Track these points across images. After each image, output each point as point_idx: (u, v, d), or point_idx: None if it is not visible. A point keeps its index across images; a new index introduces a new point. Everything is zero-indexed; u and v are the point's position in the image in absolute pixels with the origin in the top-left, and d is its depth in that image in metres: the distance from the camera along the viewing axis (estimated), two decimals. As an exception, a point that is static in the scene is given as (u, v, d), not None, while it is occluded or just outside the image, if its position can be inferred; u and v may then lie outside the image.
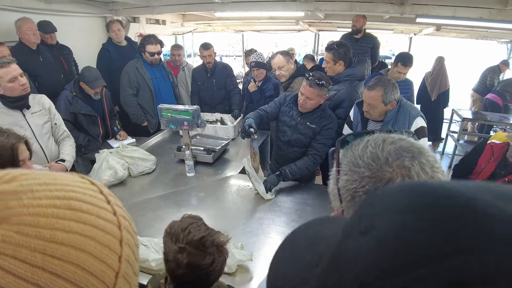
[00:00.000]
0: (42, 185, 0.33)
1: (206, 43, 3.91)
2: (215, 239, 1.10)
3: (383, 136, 0.60)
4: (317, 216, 0.48)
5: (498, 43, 8.42)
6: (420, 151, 0.57)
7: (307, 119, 2.42)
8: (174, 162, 2.94)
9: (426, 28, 6.91)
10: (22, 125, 2.25)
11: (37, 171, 0.36)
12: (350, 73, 2.77)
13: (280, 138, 2.60)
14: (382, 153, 0.57)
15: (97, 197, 0.38)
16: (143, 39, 3.52)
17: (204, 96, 4.11)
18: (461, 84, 7.57)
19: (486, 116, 5.62)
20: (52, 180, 0.34)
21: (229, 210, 2.22)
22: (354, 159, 0.59)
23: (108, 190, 0.41)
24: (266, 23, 7.93)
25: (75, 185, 0.36)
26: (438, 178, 0.56)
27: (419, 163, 0.55)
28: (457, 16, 3.78)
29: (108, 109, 3.29)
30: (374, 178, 0.55)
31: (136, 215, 2.09)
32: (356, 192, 0.57)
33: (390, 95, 2.08)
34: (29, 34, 3.28)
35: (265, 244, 1.84)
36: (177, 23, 6.68)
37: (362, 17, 4.28)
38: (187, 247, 1.06)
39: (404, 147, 0.57)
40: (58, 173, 0.37)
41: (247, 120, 2.38)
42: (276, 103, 2.58)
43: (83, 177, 0.40)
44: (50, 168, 2.30)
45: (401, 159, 0.55)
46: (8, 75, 2.07)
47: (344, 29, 7.45)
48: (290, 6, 4.15)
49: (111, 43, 4.16)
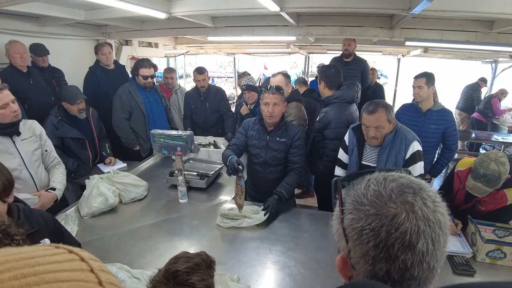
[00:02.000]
0: (17, 279, 0.28)
1: (200, 67, 3.94)
2: (188, 279, 1.06)
3: (384, 175, 0.62)
4: (314, 244, 0.46)
5: (482, 63, 8.69)
6: (420, 187, 0.59)
7: (275, 135, 2.50)
8: (166, 187, 2.87)
9: (414, 50, 7.10)
10: (11, 152, 2.18)
11: (10, 250, 0.31)
12: (340, 95, 2.84)
13: (255, 162, 2.60)
14: (385, 190, 0.59)
15: (80, 269, 0.34)
16: (137, 63, 3.52)
17: (197, 120, 4.09)
18: (448, 103, 7.73)
19: (474, 135, 5.74)
20: (32, 268, 0.30)
21: (223, 239, 2.15)
22: (358, 198, 0.60)
23: (89, 254, 0.37)
24: (257, 46, 8.06)
25: (55, 268, 0.32)
26: (440, 212, 0.58)
27: (421, 199, 0.57)
28: (445, 39, 3.88)
29: (97, 130, 3.22)
30: (380, 215, 0.56)
31: (128, 245, 2.02)
32: (363, 230, 0.57)
33: (391, 114, 2.13)
34: (16, 57, 3.24)
35: (262, 275, 1.77)
36: (170, 45, 6.73)
37: (353, 41, 4.36)
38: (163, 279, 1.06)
39: (405, 183, 0.60)
40: (33, 253, 0.32)
41: (232, 158, 2.35)
42: (241, 133, 2.64)
43: (58, 247, 0.36)
44: (40, 197, 2.21)
45: (404, 195, 0.57)
46: (0, 101, 2.01)
47: (334, 52, 7.62)
48: (282, 31, 4.22)
49: (98, 67, 4.02)
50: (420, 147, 2.18)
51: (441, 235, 0.56)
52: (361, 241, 0.57)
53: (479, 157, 2.09)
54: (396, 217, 0.54)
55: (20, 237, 1.11)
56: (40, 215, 1.63)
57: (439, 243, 0.56)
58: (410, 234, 0.54)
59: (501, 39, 3.78)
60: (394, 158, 2.16)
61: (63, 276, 0.31)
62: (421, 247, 0.54)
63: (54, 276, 0.30)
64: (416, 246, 0.54)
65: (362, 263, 0.58)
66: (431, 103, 2.97)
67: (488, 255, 1.90)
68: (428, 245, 0.54)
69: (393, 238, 0.54)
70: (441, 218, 0.57)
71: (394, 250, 0.54)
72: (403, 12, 2.82)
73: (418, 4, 2.44)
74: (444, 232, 0.57)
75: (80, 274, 0.33)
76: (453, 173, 2.38)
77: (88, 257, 0.36)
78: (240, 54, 11.09)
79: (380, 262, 0.55)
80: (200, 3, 3.21)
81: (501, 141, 5.49)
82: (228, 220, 2.26)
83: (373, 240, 0.55)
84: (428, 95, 2.94)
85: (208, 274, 1.11)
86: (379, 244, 0.55)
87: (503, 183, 2.02)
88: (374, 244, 0.55)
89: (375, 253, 0.55)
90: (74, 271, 0.33)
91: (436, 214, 0.56)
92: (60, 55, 4.16)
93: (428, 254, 0.55)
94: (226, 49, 9.24)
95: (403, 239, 0.53)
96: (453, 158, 3.30)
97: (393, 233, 0.54)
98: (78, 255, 0.36)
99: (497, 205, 2.14)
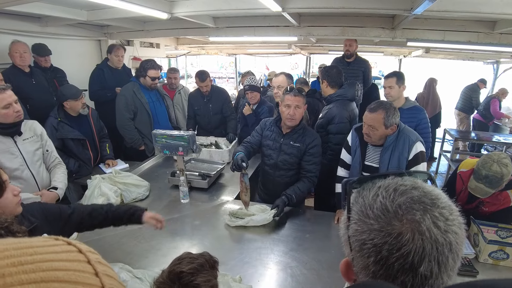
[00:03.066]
0: (15, 266, 0.29)
1: (202, 73, 3.88)
2: (193, 280, 1.05)
3: (395, 184, 0.57)
4: (316, 244, 0.45)
5: (484, 64, 8.68)
6: (434, 202, 0.54)
7: (289, 138, 2.47)
8: (168, 188, 2.87)
9: (416, 51, 7.09)
10: (13, 152, 2.19)
11: (10, 240, 0.32)
12: (341, 93, 2.95)
13: (266, 163, 2.60)
14: (392, 205, 0.54)
15: (77, 260, 0.35)
16: (144, 64, 3.51)
17: (200, 121, 4.10)
18: (449, 103, 7.75)
19: (476, 135, 5.73)
20: (29, 257, 0.31)
21: (225, 239, 2.15)
22: (364, 209, 0.57)
23: (87, 247, 0.39)
24: (259, 46, 8.06)
25: (53, 257, 0.32)
26: (453, 231, 0.52)
27: (431, 217, 0.52)
28: (446, 40, 3.88)
29: (97, 130, 3.22)
30: (383, 232, 0.52)
31: (129, 245, 2.02)
32: (365, 243, 0.54)
33: (392, 119, 2.09)
34: (16, 57, 3.27)
35: (264, 275, 1.77)
36: (171, 46, 6.74)
37: (354, 41, 4.36)
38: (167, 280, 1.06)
39: (415, 198, 0.54)
40: (32, 242, 0.33)
41: (239, 154, 2.37)
42: (257, 131, 2.64)
43: (57, 238, 0.37)
44: (42, 196, 2.23)
45: (412, 212, 0.52)
46: (3, 101, 2.03)
47: (335, 52, 7.61)
48: (283, 31, 4.22)
49: (106, 65, 4.16)
50: (424, 148, 2.17)
51: (450, 257, 0.52)
52: (363, 254, 0.55)
53: (482, 158, 2.09)
54: (400, 236, 0.51)
55: (22, 235, 1.11)
56: (36, 210, 1.59)
57: (446, 266, 0.51)
58: (412, 256, 0.50)
59: (503, 40, 3.78)
60: (397, 159, 2.15)
61: (59, 265, 0.32)
62: (423, 271, 0.50)
63: (50, 265, 0.31)
64: (418, 269, 0.50)
65: (363, 274, 0.56)
66: (402, 102, 3.00)
67: (491, 256, 1.89)
68: (433, 268, 0.50)
69: (394, 258, 0.51)
70: (453, 239, 0.52)
71: (393, 270, 0.51)
72: (405, 13, 2.82)
73: (420, 5, 2.44)
74: (455, 254, 0.52)
75: (77, 265, 0.34)
76: (455, 174, 2.38)
77: (86, 249, 0.37)
78: (241, 54, 11.09)
79: (379, 278, 0.53)
80: (201, 3, 3.21)
81: (502, 141, 5.48)
82: (236, 219, 2.26)
83: (373, 256, 0.52)
84: (399, 94, 2.98)
85: (212, 274, 1.11)
86: (380, 261, 0.52)
87: (506, 184, 2.02)
88: (375, 260, 0.52)
89: (375, 269, 0.53)
90: (71, 261, 0.34)
91: (448, 235, 0.51)
92: (62, 55, 4.17)
93: (431, 277, 0.51)
94: (228, 50, 9.25)
95: (404, 261, 0.50)
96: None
97: (395, 253, 0.51)
98: (76, 247, 0.37)
99: (500, 206, 2.14)
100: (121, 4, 2.74)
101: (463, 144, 6.89)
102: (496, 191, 2.05)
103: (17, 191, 1.47)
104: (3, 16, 3.40)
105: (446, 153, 5.87)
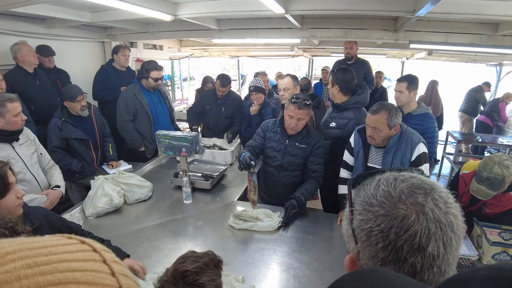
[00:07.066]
0: (31, 268, 0.27)
1: (225, 79, 3.92)
2: (197, 279, 1.06)
3: (394, 175, 0.61)
4: (319, 246, 0.46)
5: (487, 66, 8.65)
6: (432, 187, 0.58)
7: (295, 140, 2.48)
8: (171, 188, 2.88)
9: (418, 53, 7.09)
10: (13, 156, 2.25)
11: (22, 239, 0.31)
12: (359, 100, 2.77)
13: (270, 164, 2.59)
14: (394, 191, 0.57)
15: (92, 259, 0.34)
16: (147, 65, 3.52)
17: (209, 121, 4.12)
18: (452, 106, 7.74)
19: (480, 138, 5.71)
20: (45, 257, 0.29)
21: (228, 240, 2.15)
22: (367, 199, 0.59)
23: (101, 245, 0.37)
24: (261, 49, 8.08)
25: (69, 257, 0.31)
26: (453, 213, 0.56)
27: (433, 199, 0.55)
28: (449, 42, 3.87)
29: (99, 127, 3.24)
30: (389, 216, 0.55)
31: (132, 245, 2.02)
32: (372, 231, 0.56)
33: (395, 119, 2.10)
34: (30, 56, 3.32)
35: (267, 276, 1.77)
36: (174, 48, 6.77)
37: (355, 44, 4.37)
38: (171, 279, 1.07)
39: (416, 184, 0.58)
40: (45, 242, 0.32)
41: (246, 154, 2.38)
42: (259, 135, 2.63)
43: (70, 237, 0.36)
44: (48, 195, 2.32)
45: (414, 196, 0.56)
46: (16, 110, 2.19)
47: (337, 54, 7.62)
48: (286, 33, 4.23)
49: (110, 66, 4.20)
50: (426, 149, 2.16)
51: (453, 238, 0.54)
52: (370, 243, 0.56)
53: (483, 160, 2.08)
54: (405, 219, 0.53)
55: (27, 235, 1.12)
56: (40, 213, 1.63)
57: (451, 246, 0.54)
58: (420, 237, 0.52)
59: (506, 42, 3.77)
60: (399, 160, 2.15)
61: (76, 266, 0.31)
62: (431, 250, 0.52)
63: (67, 265, 0.30)
64: (426, 249, 0.52)
65: (371, 265, 0.57)
66: (412, 107, 2.89)
67: (494, 258, 1.88)
68: (439, 248, 0.53)
69: (402, 240, 0.52)
70: (454, 220, 0.55)
71: (403, 253, 0.52)
72: (408, 15, 2.82)
73: (423, 7, 2.44)
74: (457, 235, 0.55)
75: (93, 265, 0.33)
76: (458, 176, 2.37)
77: (100, 248, 0.36)
78: (244, 57, 11.10)
79: (388, 264, 0.54)
80: (205, 5, 3.22)
81: (506, 144, 5.46)
82: (240, 221, 2.25)
83: (381, 242, 0.54)
84: (408, 100, 2.86)
85: (216, 274, 1.11)
86: (388, 246, 0.53)
87: (509, 185, 2.01)
88: (383, 246, 0.54)
89: (383, 255, 0.54)
90: (87, 261, 0.33)
91: (448, 216, 0.55)
92: (66, 57, 4.20)
93: (439, 258, 0.53)
94: (231, 52, 9.26)
95: (413, 242, 0.52)
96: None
97: (402, 235, 0.52)
98: (91, 246, 0.35)
99: (503, 208, 2.13)
100: (125, 6, 2.76)
101: (466, 146, 6.87)
102: (498, 193, 2.04)
103: (21, 194, 1.51)
104: (8, 18, 3.42)
105: (449, 155, 5.86)
